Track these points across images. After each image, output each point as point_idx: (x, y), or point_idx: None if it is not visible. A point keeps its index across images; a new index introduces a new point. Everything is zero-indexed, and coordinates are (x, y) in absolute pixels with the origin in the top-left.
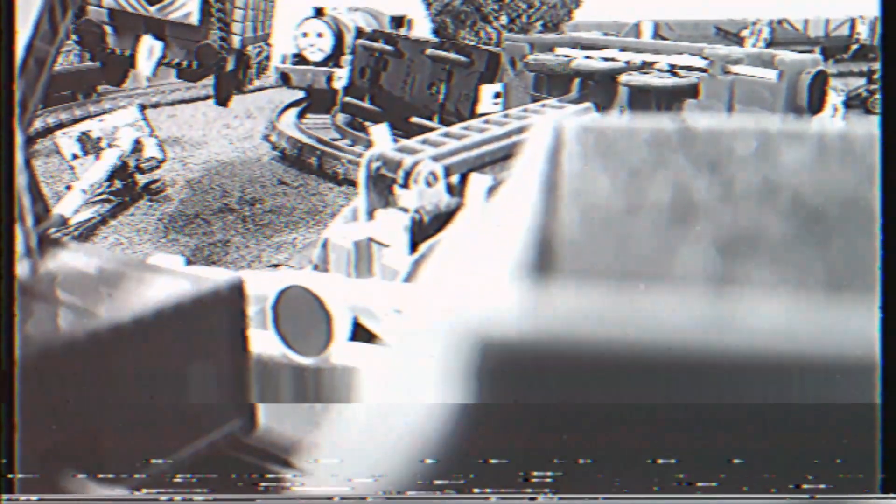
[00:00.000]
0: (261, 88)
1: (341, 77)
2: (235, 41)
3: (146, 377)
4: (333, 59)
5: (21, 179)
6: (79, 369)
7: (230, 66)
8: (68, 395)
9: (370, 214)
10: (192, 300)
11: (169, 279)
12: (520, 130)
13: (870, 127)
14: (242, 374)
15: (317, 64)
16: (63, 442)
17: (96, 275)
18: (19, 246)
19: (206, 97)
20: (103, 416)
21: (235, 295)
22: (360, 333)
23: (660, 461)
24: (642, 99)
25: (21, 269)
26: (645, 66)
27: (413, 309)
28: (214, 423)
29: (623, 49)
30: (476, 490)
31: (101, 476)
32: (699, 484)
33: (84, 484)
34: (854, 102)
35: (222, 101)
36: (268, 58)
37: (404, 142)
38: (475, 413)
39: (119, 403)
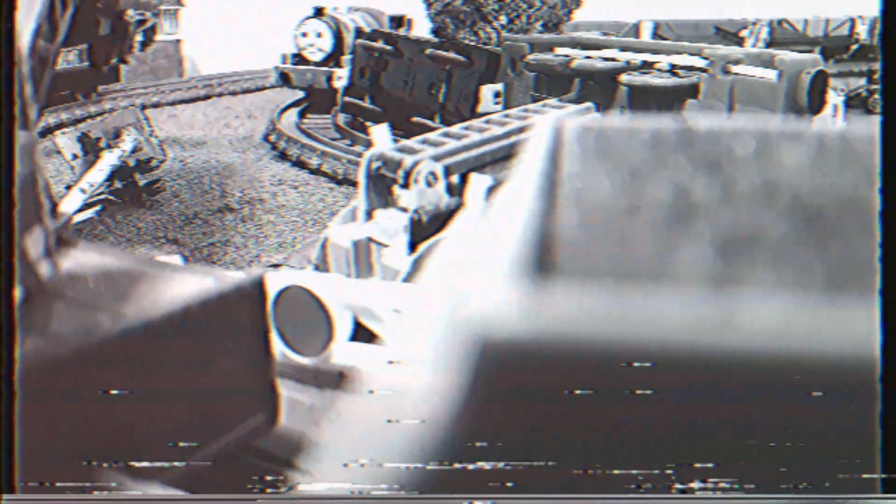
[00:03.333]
0: (261, 88)
1: (341, 77)
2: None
3: (174, 373)
4: (333, 59)
5: (41, 180)
6: (106, 367)
7: (104, 30)
8: (97, 393)
9: (370, 214)
10: (218, 297)
11: (195, 277)
12: (520, 130)
13: (870, 127)
14: (266, 368)
15: (317, 64)
16: (93, 438)
17: (119, 273)
18: (40, 247)
19: (207, 97)
20: (132, 413)
21: (258, 291)
22: (360, 333)
23: (658, 461)
24: (642, 99)
25: (43, 269)
26: (645, 66)
27: (413, 309)
28: (240, 417)
29: (623, 49)
30: (474, 491)
31: (133, 470)
32: (698, 484)
33: (117, 479)
34: (854, 102)
35: (98, 66)
36: (153, 29)
37: (404, 142)
38: (474, 413)
39: (146, 400)
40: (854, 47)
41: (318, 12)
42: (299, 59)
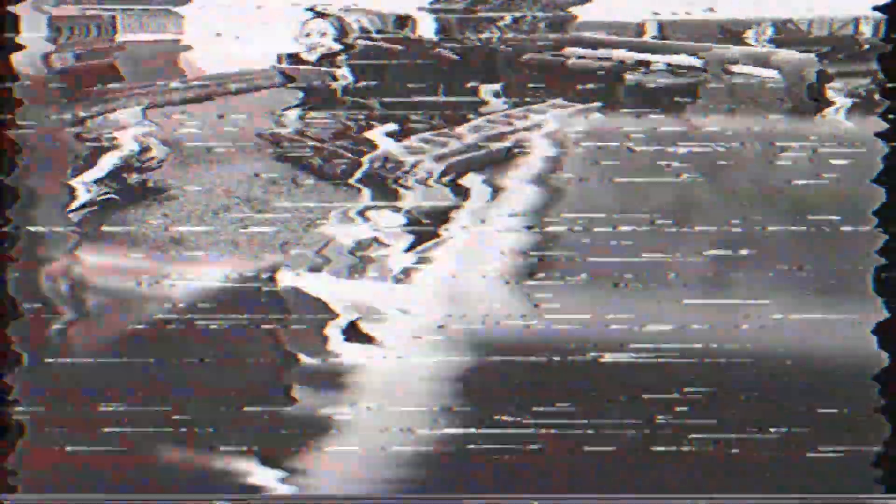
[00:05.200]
0: (262, 88)
1: (344, 76)
2: None
3: (214, 357)
4: (337, 58)
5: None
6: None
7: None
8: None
9: (369, 215)
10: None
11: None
12: (521, 130)
13: (870, 127)
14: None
15: (319, 64)
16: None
17: (150, 265)
18: (69, 241)
19: (207, 97)
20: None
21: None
22: (361, 333)
23: (659, 461)
24: (644, 98)
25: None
26: (647, 66)
27: (413, 309)
28: (266, 397)
29: (627, 48)
30: (473, 492)
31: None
32: (699, 483)
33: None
34: (857, 102)
35: None
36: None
37: (405, 141)
38: (474, 413)
39: (194, 382)
40: (858, 47)
41: (315, 11)
42: (300, 58)
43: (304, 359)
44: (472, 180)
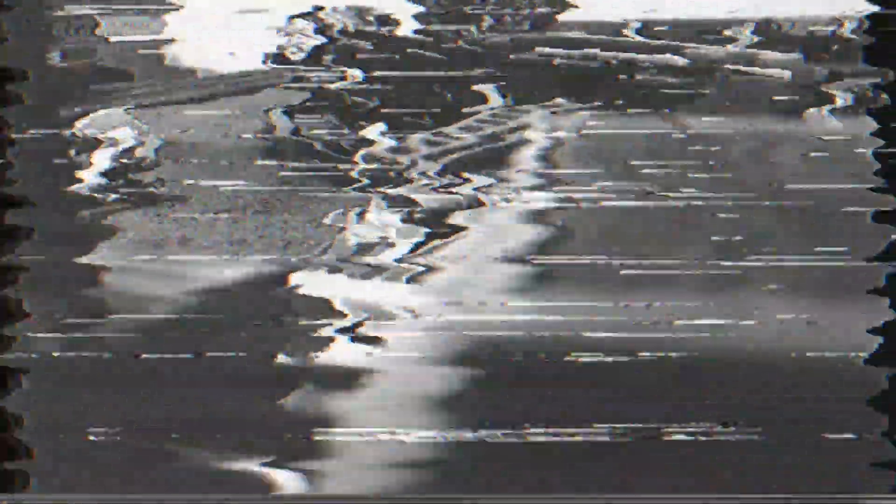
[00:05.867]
0: (250, 89)
1: (341, 76)
2: None
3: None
4: (335, 58)
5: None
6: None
7: None
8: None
9: (370, 215)
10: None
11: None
12: (514, 130)
13: (869, 127)
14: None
15: (316, 63)
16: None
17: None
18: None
19: (204, 97)
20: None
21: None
22: (362, 333)
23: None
24: (641, 98)
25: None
26: (645, 65)
27: (414, 309)
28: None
29: (618, 49)
30: (473, 494)
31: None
32: (699, 483)
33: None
34: (855, 102)
35: None
36: None
37: (402, 141)
38: (475, 412)
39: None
40: (848, 47)
41: (316, 11)
42: (294, 58)
43: (307, 359)
44: (470, 179)
